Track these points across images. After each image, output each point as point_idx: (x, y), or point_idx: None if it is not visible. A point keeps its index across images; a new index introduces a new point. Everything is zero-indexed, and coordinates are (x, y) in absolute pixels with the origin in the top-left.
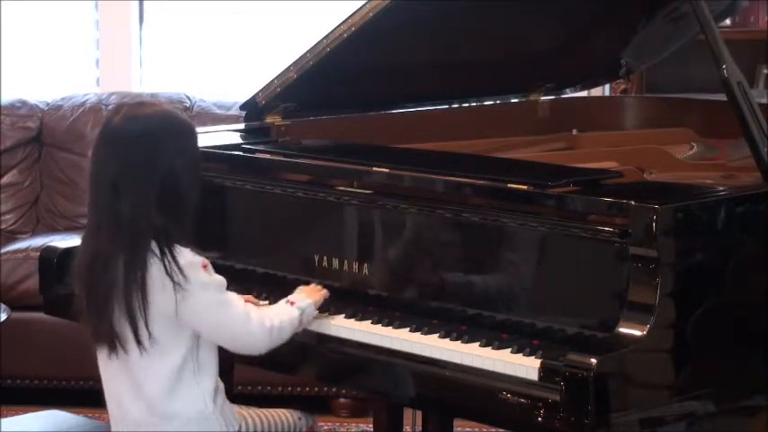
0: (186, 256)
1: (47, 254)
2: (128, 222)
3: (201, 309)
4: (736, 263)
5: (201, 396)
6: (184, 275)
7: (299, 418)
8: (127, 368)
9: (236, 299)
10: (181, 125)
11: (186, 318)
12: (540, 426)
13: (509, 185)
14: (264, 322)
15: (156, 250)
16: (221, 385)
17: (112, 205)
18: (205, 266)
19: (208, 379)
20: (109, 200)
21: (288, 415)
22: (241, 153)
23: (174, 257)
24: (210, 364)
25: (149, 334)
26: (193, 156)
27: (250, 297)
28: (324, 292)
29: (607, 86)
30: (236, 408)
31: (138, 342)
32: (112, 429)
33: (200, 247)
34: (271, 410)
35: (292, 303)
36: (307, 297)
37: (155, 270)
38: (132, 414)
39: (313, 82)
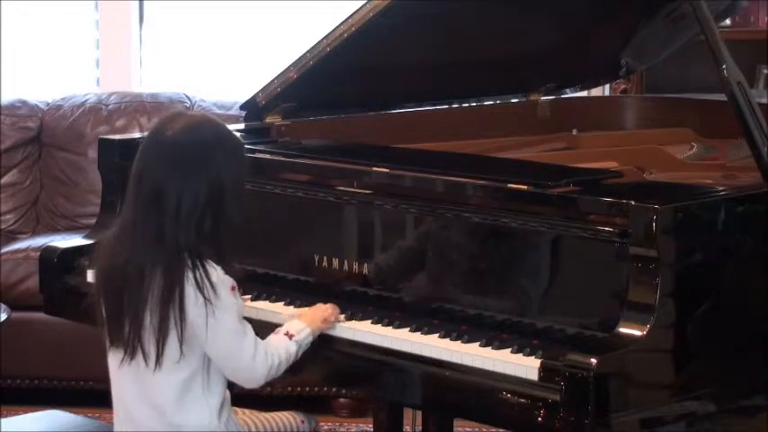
0: (218, 273)
1: (47, 254)
2: (170, 234)
3: (220, 331)
4: (736, 263)
5: (208, 411)
6: (216, 292)
7: (302, 421)
8: (138, 374)
9: (250, 330)
10: (235, 142)
11: (207, 336)
12: (540, 426)
13: (509, 185)
14: (267, 360)
15: (189, 263)
16: (228, 397)
17: (155, 214)
18: (233, 288)
19: (216, 394)
20: (152, 208)
21: (290, 418)
22: None
23: (206, 273)
24: (220, 379)
25: (181, 352)
26: (241, 174)
27: None
28: (330, 317)
29: (607, 86)
30: (238, 411)
31: (159, 358)
32: (115, 428)
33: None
34: (273, 414)
35: (291, 336)
36: (306, 327)
37: (188, 284)
38: (139, 418)
39: (313, 82)
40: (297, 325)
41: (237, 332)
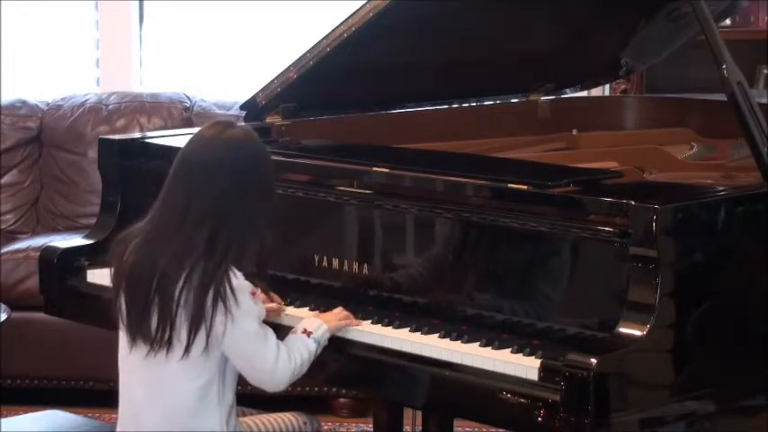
0: (239, 278)
1: (47, 254)
2: (221, 245)
3: (241, 336)
4: (736, 263)
5: (219, 417)
6: (235, 298)
7: (305, 422)
8: (154, 375)
9: (271, 334)
10: (268, 156)
11: (225, 341)
12: (540, 426)
13: (509, 185)
14: (290, 362)
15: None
16: (234, 401)
17: (207, 230)
18: (253, 294)
19: (228, 400)
20: (207, 220)
21: (293, 419)
22: None
23: (228, 279)
24: (232, 386)
25: (207, 343)
26: (272, 186)
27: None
28: (346, 317)
29: (607, 86)
30: (239, 412)
31: (189, 347)
32: (118, 429)
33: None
34: (275, 415)
35: (309, 334)
36: (323, 324)
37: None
38: (146, 421)
39: (313, 82)
40: (314, 322)
41: (258, 336)
